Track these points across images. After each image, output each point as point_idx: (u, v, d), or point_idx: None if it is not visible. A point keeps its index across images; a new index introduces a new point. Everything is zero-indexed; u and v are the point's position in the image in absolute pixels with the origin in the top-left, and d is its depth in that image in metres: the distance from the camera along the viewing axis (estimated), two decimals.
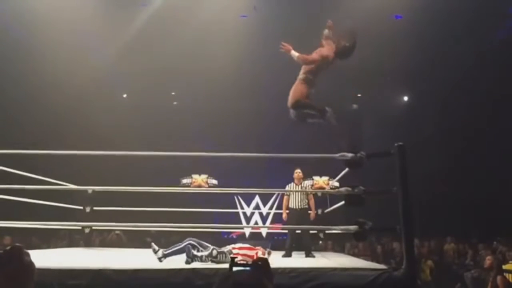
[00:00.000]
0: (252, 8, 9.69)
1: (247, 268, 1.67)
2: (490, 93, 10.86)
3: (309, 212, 6.11)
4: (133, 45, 10.11)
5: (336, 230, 5.04)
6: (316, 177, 10.23)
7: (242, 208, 7.57)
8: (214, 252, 3.99)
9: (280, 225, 6.84)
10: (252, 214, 7.55)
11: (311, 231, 6.45)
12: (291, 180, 6.25)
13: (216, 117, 12.23)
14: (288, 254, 5.77)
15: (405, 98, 13.72)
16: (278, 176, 7.30)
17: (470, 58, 10.18)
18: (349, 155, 3.69)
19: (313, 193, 6.48)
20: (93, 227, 6.48)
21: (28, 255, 1.39)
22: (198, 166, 10.69)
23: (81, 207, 6.31)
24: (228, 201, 7.63)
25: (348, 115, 12.53)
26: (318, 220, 6.27)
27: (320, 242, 8.00)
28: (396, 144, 3.47)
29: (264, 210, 7.49)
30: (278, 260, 4.70)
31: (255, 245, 4.70)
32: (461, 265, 8.63)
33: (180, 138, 11.51)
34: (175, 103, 13.58)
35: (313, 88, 4.44)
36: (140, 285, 3.15)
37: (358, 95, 13.30)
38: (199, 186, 10.32)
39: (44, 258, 3.70)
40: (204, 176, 10.64)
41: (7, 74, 9.65)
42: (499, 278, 5.69)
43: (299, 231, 5.98)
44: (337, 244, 9.32)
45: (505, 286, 5.64)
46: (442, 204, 11.23)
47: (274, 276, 1.71)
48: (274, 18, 9.75)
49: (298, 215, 5.95)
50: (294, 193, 6.08)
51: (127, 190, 4.90)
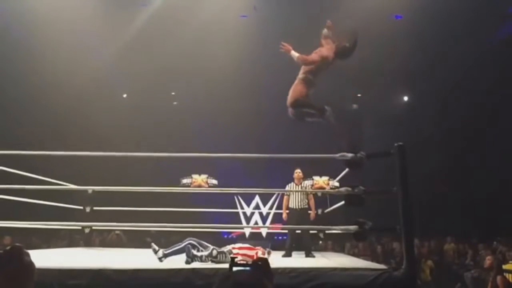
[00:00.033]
0: (252, 8, 9.68)
1: (247, 268, 1.67)
2: (490, 93, 10.85)
3: (309, 212, 6.11)
4: (133, 45, 10.10)
5: (336, 230, 5.05)
6: (316, 177, 10.19)
7: (242, 208, 7.54)
8: (214, 252, 3.99)
9: (280, 225, 6.83)
10: (252, 214, 7.52)
11: (311, 231, 6.45)
12: (291, 180, 6.25)
13: (216, 117, 12.23)
14: (288, 254, 5.77)
15: (405, 98, 13.72)
16: (278, 176, 7.29)
17: (470, 58, 10.17)
18: (349, 155, 3.69)
19: (313, 193, 6.48)
20: (93, 227, 6.48)
21: (28, 255, 1.39)
22: (198, 166, 10.67)
23: (81, 207, 6.32)
24: (228, 201, 7.62)
25: (348, 115, 12.53)
26: (318, 220, 6.27)
27: (320, 242, 8.00)
28: (396, 144, 3.48)
29: (264, 210, 7.46)
30: (278, 260, 4.70)
31: (255, 245, 4.70)
32: (461, 265, 8.63)
33: (180, 138, 11.52)
34: (175, 103, 13.58)
35: (313, 88, 4.44)
36: (140, 285, 3.16)
37: (358, 95, 13.30)
38: (199, 186, 10.29)
39: (44, 258, 3.70)
40: (204, 176, 10.60)
41: (7, 74, 9.65)
42: (499, 278, 5.69)
43: (299, 231, 5.98)
44: (337, 244, 9.32)
45: (505, 286, 5.64)
46: (442, 204, 11.23)
47: (274, 276, 1.71)
48: (274, 18, 9.75)
49: (298, 215, 5.95)
50: (294, 193, 6.08)
51: (127, 190, 4.90)
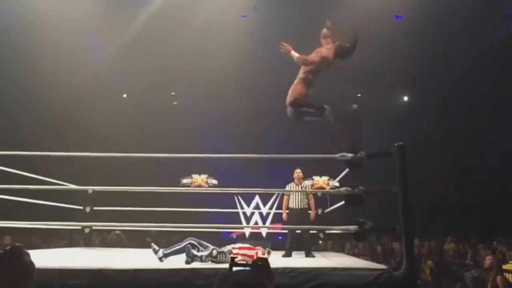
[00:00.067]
0: (252, 8, 9.68)
1: (247, 268, 1.67)
2: (490, 93, 10.85)
3: (309, 212, 6.11)
4: (133, 45, 10.10)
5: (336, 230, 5.05)
6: (316, 177, 10.20)
7: (242, 208, 7.54)
8: (214, 252, 3.99)
9: (280, 225, 6.83)
10: (252, 214, 7.52)
11: (311, 231, 6.44)
12: (291, 180, 6.25)
13: (216, 117, 12.23)
14: (288, 254, 5.77)
15: (405, 98, 13.72)
16: (278, 176, 7.29)
17: (470, 58, 10.17)
18: (349, 155, 3.69)
19: (313, 193, 6.48)
20: (93, 227, 6.48)
21: (28, 255, 1.40)
22: (198, 166, 10.67)
23: (81, 207, 6.32)
24: (228, 201, 7.61)
25: (348, 115, 12.53)
26: (318, 220, 6.27)
27: (320, 242, 7.99)
28: (396, 144, 3.47)
29: (264, 210, 7.46)
30: (278, 260, 4.70)
31: (255, 245, 4.70)
32: (461, 265, 8.63)
33: (180, 138, 11.51)
34: (175, 103, 13.58)
35: (312, 88, 4.45)
36: (140, 285, 3.16)
37: (358, 95, 13.30)
38: (199, 186, 10.29)
39: (44, 258, 3.70)
40: (204, 176, 10.60)
41: (7, 74, 9.65)
42: (499, 278, 5.69)
43: (299, 231, 5.98)
44: (337, 244, 9.31)
45: (505, 286, 5.63)
46: (442, 204, 11.22)
47: (274, 276, 1.71)
48: (274, 18, 9.74)
49: (298, 215, 5.95)
50: (294, 193, 6.08)
51: (127, 190, 4.90)
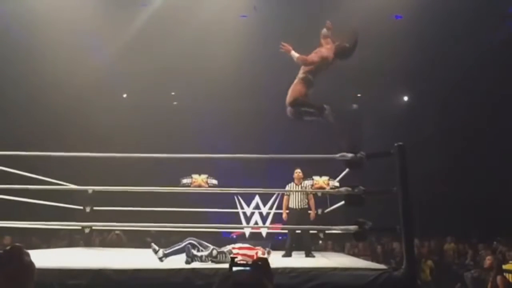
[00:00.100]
0: (252, 8, 9.68)
1: (247, 268, 1.67)
2: (490, 93, 10.85)
3: (309, 212, 6.11)
4: (133, 45, 10.10)
5: (336, 230, 5.04)
6: (316, 177, 10.20)
7: (242, 208, 7.54)
8: (214, 252, 3.99)
9: (280, 225, 6.83)
10: (252, 214, 7.52)
11: (311, 231, 6.44)
12: (291, 180, 6.25)
13: (216, 117, 12.23)
14: (288, 254, 5.77)
15: (405, 98, 13.72)
16: (278, 176, 7.29)
17: (470, 58, 10.17)
18: (349, 155, 3.69)
19: (313, 193, 6.48)
20: (93, 227, 6.48)
21: (28, 255, 1.40)
22: (198, 166, 10.67)
23: (81, 207, 6.32)
24: (228, 201, 7.62)
25: (348, 115, 12.53)
26: (318, 220, 6.27)
27: (320, 242, 7.99)
28: (396, 144, 3.47)
29: (264, 210, 7.46)
30: (278, 260, 4.70)
31: (255, 245, 4.70)
32: (461, 265, 8.63)
33: (180, 138, 11.51)
34: (175, 103, 13.58)
35: (312, 88, 4.45)
36: (140, 285, 3.16)
37: (358, 95, 13.30)
38: (199, 186, 10.29)
39: (44, 258, 3.70)
40: (204, 176, 10.60)
41: (7, 74, 9.65)
42: (499, 278, 5.69)
43: (299, 231, 5.98)
44: (337, 244, 9.31)
45: (505, 286, 5.63)
46: (442, 204, 11.22)
47: (274, 276, 1.71)
48: (274, 18, 9.74)
49: (298, 215, 5.95)
50: (294, 193, 6.08)
51: (127, 190, 4.90)
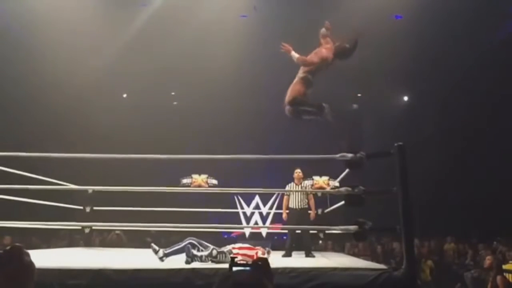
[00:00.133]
0: (252, 8, 9.68)
1: (247, 268, 1.67)
2: (490, 93, 10.85)
3: (309, 212, 6.11)
4: (133, 45, 10.11)
5: (336, 230, 5.04)
6: (316, 177, 10.23)
7: (242, 208, 7.54)
8: (214, 252, 3.99)
9: (280, 225, 6.83)
10: (252, 214, 7.52)
11: (311, 231, 6.44)
12: (291, 180, 6.25)
13: (216, 117, 12.23)
14: (288, 254, 5.77)
15: (405, 98, 13.72)
16: (278, 176, 7.29)
17: (470, 58, 10.18)
18: (349, 155, 3.68)
19: (313, 193, 6.47)
20: (93, 227, 6.48)
21: (28, 255, 1.40)
22: (198, 166, 10.68)
23: (81, 207, 6.32)
24: (228, 201, 7.62)
25: (348, 115, 12.53)
26: (318, 220, 6.27)
27: (320, 242, 8.00)
28: (396, 144, 3.47)
29: (264, 210, 7.46)
30: (278, 260, 4.70)
31: (255, 245, 4.70)
32: (461, 265, 8.63)
33: (180, 138, 11.51)
34: (175, 103, 13.58)
35: (311, 87, 4.46)
36: (140, 285, 3.16)
37: (358, 95, 13.30)
38: (199, 186, 10.31)
39: (44, 258, 3.70)
40: (204, 176, 10.63)
41: (7, 74, 9.65)
42: (499, 278, 5.69)
43: (299, 231, 5.98)
44: (337, 244, 9.31)
45: (505, 286, 5.64)
46: (442, 204, 11.23)
47: (274, 276, 1.71)
48: (274, 18, 9.75)
49: (298, 215, 5.95)
50: (294, 193, 6.08)
51: (127, 190, 4.90)
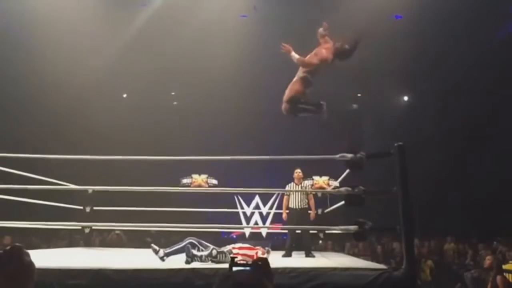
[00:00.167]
0: (252, 8, 9.68)
1: (247, 268, 1.67)
2: (490, 93, 10.86)
3: (309, 212, 6.11)
4: (133, 45, 10.10)
5: (336, 230, 5.04)
6: (316, 177, 10.22)
7: (242, 208, 7.54)
8: (214, 252, 4.00)
9: (280, 225, 6.83)
10: (252, 214, 7.52)
11: (311, 231, 6.44)
12: (291, 180, 6.25)
13: (216, 117, 12.23)
14: (288, 254, 5.77)
15: (405, 98, 13.72)
16: (278, 176, 7.29)
17: (470, 58, 10.18)
18: (349, 155, 3.68)
19: (313, 193, 6.47)
20: (93, 227, 6.48)
21: (28, 255, 1.40)
22: (198, 166, 10.68)
23: (81, 207, 6.32)
24: (228, 201, 7.62)
25: (348, 115, 12.55)
26: (318, 220, 6.27)
27: (320, 242, 8.00)
28: (396, 144, 3.47)
29: (264, 210, 7.47)
30: (278, 260, 4.70)
31: (255, 245, 4.70)
32: (461, 265, 8.63)
33: (180, 138, 11.51)
34: (175, 103, 13.59)
35: (310, 87, 4.46)
36: (140, 285, 3.16)
37: (358, 95, 13.30)
38: (199, 186, 10.31)
39: (44, 258, 3.70)
40: (204, 176, 10.63)
41: (7, 74, 9.65)
42: (499, 278, 5.69)
43: (299, 231, 5.98)
44: (337, 244, 9.31)
45: (505, 286, 5.64)
46: (442, 204, 11.23)
47: (274, 276, 1.71)
48: (274, 18, 9.75)
49: (298, 215, 5.95)
50: (294, 193, 6.08)
51: (127, 190, 4.90)
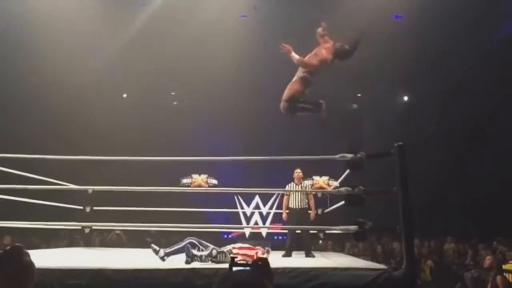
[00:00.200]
0: (252, 8, 9.68)
1: (247, 268, 1.68)
2: (490, 93, 10.86)
3: (309, 212, 6.11)
4: (133, 45, 10.10)
5: (336, 230, 5.04)
6: (316, 177, 10.23)
7: (242, 208, 7.54)
8: (214, 252, 4.00)
9: (280, 225, 6.83)
10: (252, 214, 7.53)
11: (311, 231, 6.44)
12: (291, 180, 6.25)
13: (216, 117, 12.23)
14: (288, 254, 5.77)
15: (405, 98, 13.72)
16: (278, 176, 7.29)
17: (470, 58, 10.18)
18: (349, 156, 3.68)
19: (313, 193, 6.47)
20: (93, 227, 6.48)
21: (28, 255, 1.40)
22: (198, 166, 10.68)
23: (81, 207, 6.32)
24: (228, 201, 7.62)
25: (348, 115, 12.55)
26: (318, 220, 6.27)
27: (320, 242, 8.00)
28: (396, 144, 3.47)
29: (264, 210, 7.47)
30: (278, 260, 4.70)
31: (255, 245, 4.70)
32: (461, 265, 8.63)
33: (180, 138, 11.51)
34: (175, 103, 13.58)
35: (309, 87, 4.47)
36: (140, 285, 3.16)
37: (358, 95, 13.30)
38: (199, 186, 10.31)
39: (44, 258, 3.70)
40: (204, 176, 10.64)
41: (7, 74, 9.65)
42: (499, 278, 5.69)
43: (299, 231, 5.98)
44: (337, 244, 9.31)
45: (505, 286, 5.64)
46: (442, 204, 11.22)
47: (274, 276, 1.71)
48: (274, 18, 9.75)
49: (298, 215, 5.95)
50: (294, 193, 6.08)
51: (127, 190, 4.90)
